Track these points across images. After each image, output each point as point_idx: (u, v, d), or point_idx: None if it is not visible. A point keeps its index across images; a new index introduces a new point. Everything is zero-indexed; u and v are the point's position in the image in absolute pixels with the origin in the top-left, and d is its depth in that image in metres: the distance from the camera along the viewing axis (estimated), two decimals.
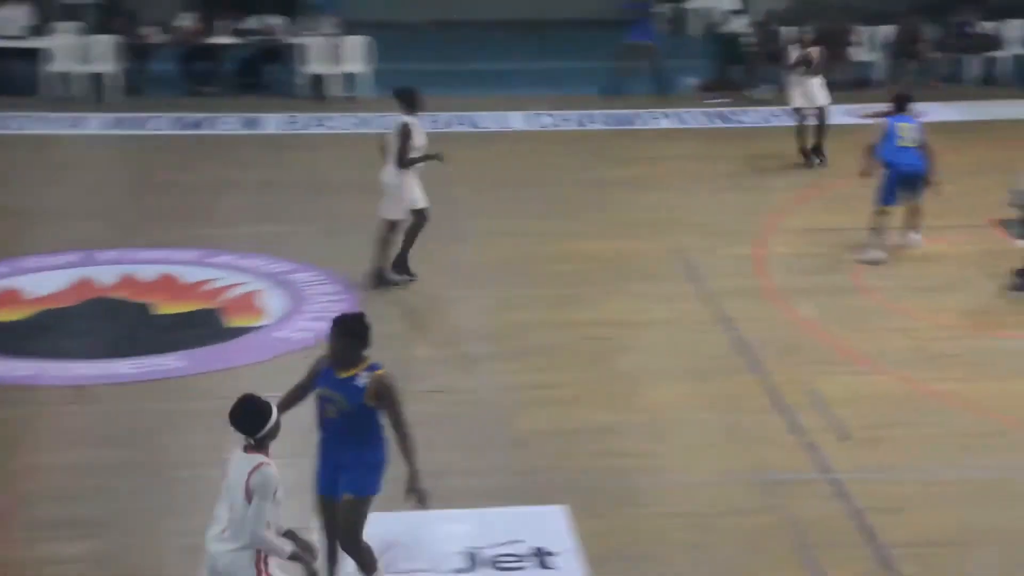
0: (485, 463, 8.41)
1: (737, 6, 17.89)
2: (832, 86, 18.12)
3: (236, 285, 11.32)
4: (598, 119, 17.08)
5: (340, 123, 17.03)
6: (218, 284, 11.35)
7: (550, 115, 17.23)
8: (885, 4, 19.24)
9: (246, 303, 10.99)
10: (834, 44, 18.23)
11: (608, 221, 13.07)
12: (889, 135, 11.71)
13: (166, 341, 10.21)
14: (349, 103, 17.85)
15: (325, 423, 6.44)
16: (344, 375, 6.34)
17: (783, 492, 8.03)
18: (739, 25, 17.79)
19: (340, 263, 11.71)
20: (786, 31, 18.47)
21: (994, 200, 13.06)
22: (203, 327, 10.51)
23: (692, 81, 18.61)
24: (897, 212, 11.91)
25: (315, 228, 12.86)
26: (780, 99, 17.82)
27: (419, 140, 10.95)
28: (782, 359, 9.89)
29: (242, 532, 5.62)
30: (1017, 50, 18.64)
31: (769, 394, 9.33)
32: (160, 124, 16.88)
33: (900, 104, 12.05)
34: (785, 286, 11.32)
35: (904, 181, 11.67)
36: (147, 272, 11.61)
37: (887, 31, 18.55)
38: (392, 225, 11.14)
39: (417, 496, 6.38)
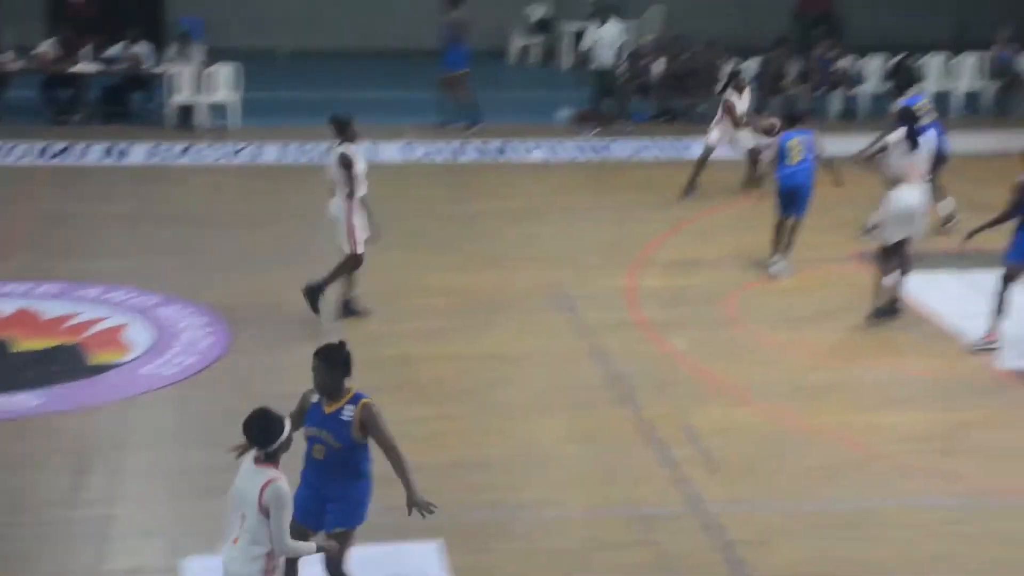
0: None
1: (616, 40, 18.01)
2: (702, 119, 18.53)
3: (100, 320, 11.01)
4: (469, 151, 17.10)
5: (208, 153, 16.76)
6: (81, 319, 11.03)
7: (422, 145, 17.21)
8: (750, 39, 19.67)
9: (110, 338, 10.69)
10: (703, 78, 18.62)
11: (480, 254, 13.06)
12: (781, 154, 12.24)
13: (24, 379, 9.87)
14: (218, 133, 17.58)
15: (312, 461, 6.49)
16: (330, 409, 6.41)
17: (655, 526, 8.05)
18: (608, 57, 17.94)
19: (208, 296, 11.49)
20: (655, 64, 18.78)
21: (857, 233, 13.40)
22: (64, 364, 10.19)
23: (565, 112, 18.76)
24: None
25: (183, 261, 12.61)
26: (648, 131, 18.10)
27: (360, 167, 10.79)
28: (655, 392, 9.96)
29: (257, 542, 5.75)
30: (876, 85, 19.18)
31: (642, 428, 9.38)
32: (20, 153, 16.41)
33: (792, 122, 12.59)
34: (658, 319, 11.42)
35: (790, 197, 12.18)
36: (4, 307, 11.24)
37: (752, 65, 18.94)
38: (351, 256, 10.96)
39: (418, 508, 6.45)
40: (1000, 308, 10.58)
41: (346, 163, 10.65)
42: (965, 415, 9.57)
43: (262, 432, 5.81)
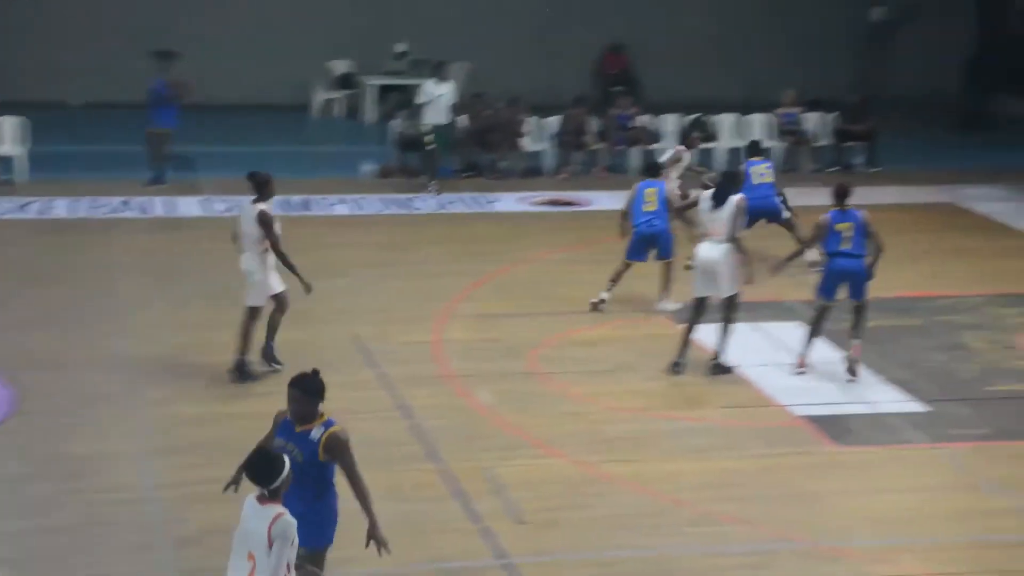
0: (145, 566, 7.95)
1: (451, 97, 17.97)
2: (505, 174, 18.73)
3: None
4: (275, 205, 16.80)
5: None
6: None
7: (223, 200, 16.87)
8: (550, 96, 19.97)
9: None
10: (505, 134, 18.83)
11: None
12: (636, 199, 12.90)
13: None
14: (5, 187, 16.90)
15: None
16: (300, 429, 6.69)
17: None
18: (446, 113, 17.92)
19: None
20: (459, 120, 18.91)
21: (656, 285, 13.68)
22: None
23: (369, 167, 18.69)
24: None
25: None
26: (453, 186, 18.19)
27: (278, 225, 10.77)
28: (460, 445, 9.91)
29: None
30: (673, 143, 19.71)
31: (447, 481, 9.30)
32: None
33: (651, 171, 13.40)
34: (463, 372, 11.39)
35: (646, 241, 12.87)
36: None
37: (554, 122, 19.26)
38: (254, 313, 10.77)
39: (377, 543, 6.68)
40: (811, 337, 11.35)
41: (266, 221, 10.65)
42: (761, 463, 9.80)
43: (264, 472, 6.05)
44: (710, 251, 11.25)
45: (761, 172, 14.38)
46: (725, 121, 19.95)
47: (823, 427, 10.35)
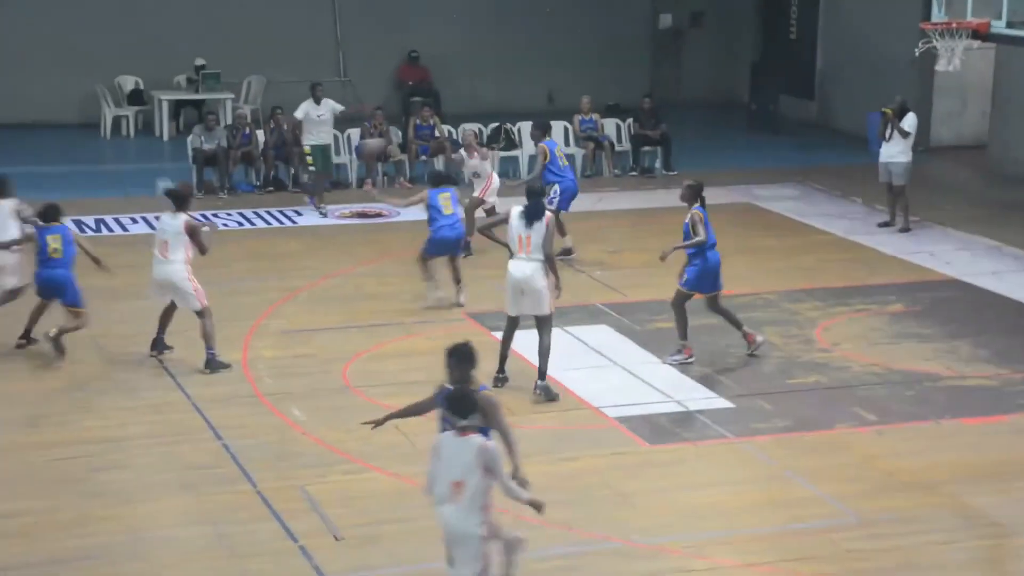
0: None
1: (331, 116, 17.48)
2: (309, 188, 18.48)
3: None
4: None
5: None
6: None
7: None
8: (348, 107, 19.65)
9: None
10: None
11: (80, 334, 12.32)
12: (433, 207, 13.03)
13: None
14: None
15: None
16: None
17: None
18: (327, 132, 17.48)
19: None
20: (259, 134, 18.59)
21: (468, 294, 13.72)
22: None
23: (164, 183, 18.16)
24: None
25: None
26: (254, 201, 17.87)
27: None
28: (273, 465, 9.70)
29: (478, 500, 6.97)
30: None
31: (261, 502, 9.09)
32: None
33: (437, 180, 13.48)
34: (274, 390, 11.17)
35: (443, 246, 13.11)
36: None
37: (355, 133, 19.06)
38: (207, 311, 11.52)
39: (519, 481, 7.48)
40: (681, 327, 11.69)
41: (193, 229, 11.39)
42: (576, 465, 9.88)
43: (464, 407, 7.13)
44: (522, 269, 10.99)
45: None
46: (526, 128, 20.13)
47: (635, 427, 10.51)
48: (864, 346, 12.38)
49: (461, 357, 7.64)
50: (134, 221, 16.65)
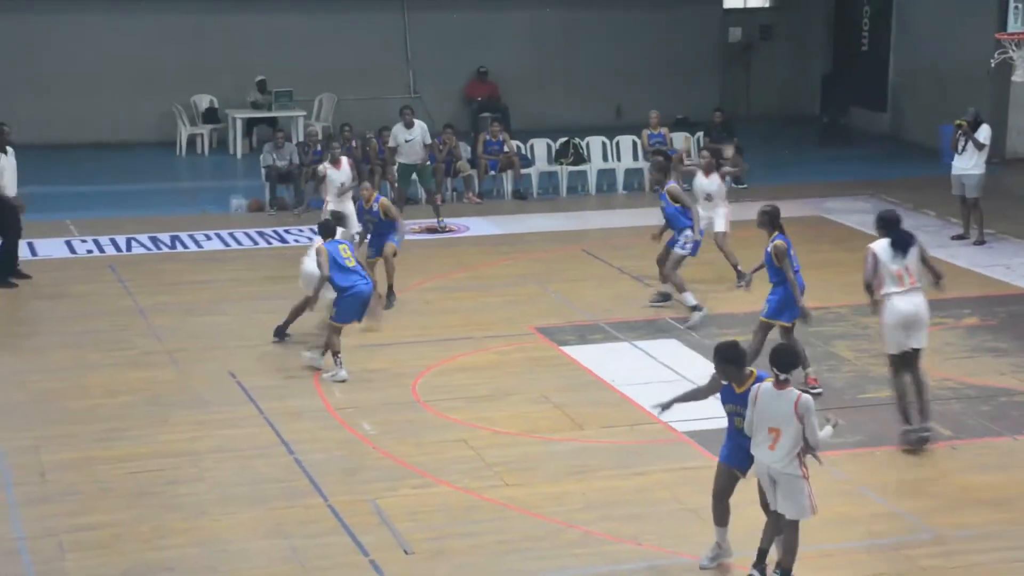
0: None
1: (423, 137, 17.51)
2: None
3: None
4: (140, 243, 16.49)
5: None
6: None
7: (82, 240, 16.47)
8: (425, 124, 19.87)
9: None
10: (378, 164, 18.74)
11: (155, 349, 12.54)
12: (333, 260, 11.68)
13: None
14: None
15: (735, 430, 8.18)
16: (740, 390, 8.03)
17: None
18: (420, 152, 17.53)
19: None
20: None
21: (533, 309, 13.74)
22: None
23: (238, 202, 18.42)
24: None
25: None
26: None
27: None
28: (343, 479, 9.77)
29: (796, 446, 7.77)
30: (544, 167, 19.87)
31: (332, 516, 9.15)
32: None
33: (325, 231, 11.97)
34: (344, 404, 11.25)
35: (361, 305, 11.75)
36: None
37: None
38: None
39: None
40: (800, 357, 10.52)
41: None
42: (645, 479, 9.84)
43: (787, 361, 7.87)
44: (911, 301, 10.16)
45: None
46: (595, 144, 20.15)
47: (705, 442, 10.43)
48: (939, 360, 12.20)
49: (720, 358, 8.11)
50: (208, 238, 16.87)
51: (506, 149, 19.47)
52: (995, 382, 11.65)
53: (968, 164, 16.23)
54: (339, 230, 12.37)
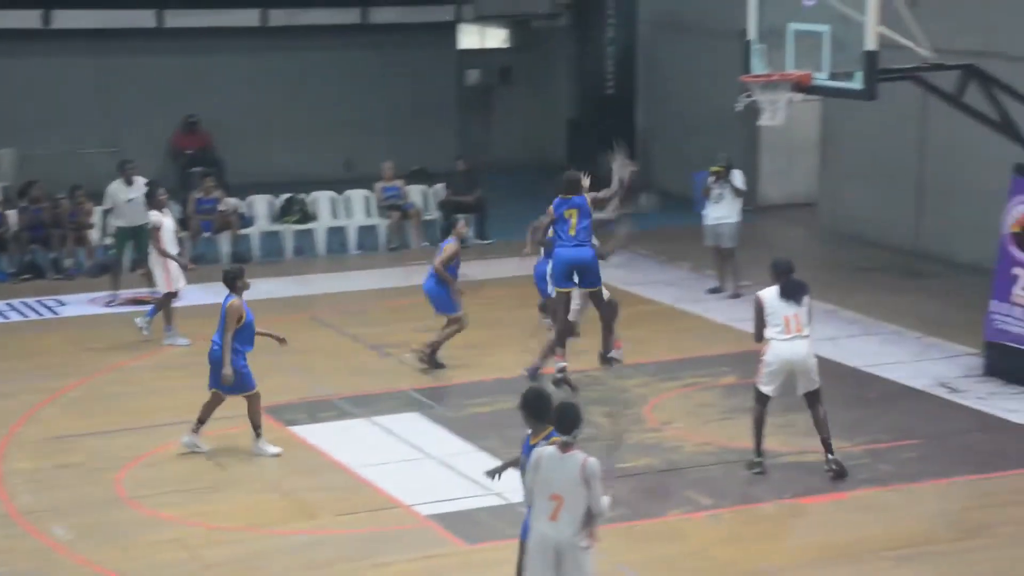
0: None
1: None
2: (73, 273, 17.99)
3: None
4: None
5: None
6: None
7: None
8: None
9: None
10: (71, 227, 18.17)
11: None
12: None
13: None
14: None
15: None
16: (533, 442, 8.22)
17: None
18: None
19: None
20: (9, 215, 18.05)
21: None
22: None
23: None
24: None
25: None
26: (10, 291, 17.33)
27: None
28: None
29: (580, 513, 7.79)
30: (266, 226, 19.68)
31: None
32: None
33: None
34: (32, 507, 10.75)
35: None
36: None
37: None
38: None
39: None
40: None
41: None
42: (387, 571, 9.76)
43: (571, 424, 7.92)
44: (795, 349, 11.12)
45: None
46: (322, 199, 20.09)
47: (452, 526, 10.44)
48: (698, 423, 12.61)
49: (522, 405, 8.33)
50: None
51: (222, 207, 19.17)
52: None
53: (723, 212, 16.93)
54: None
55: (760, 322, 11.19)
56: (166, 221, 15.22)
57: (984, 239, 16.03)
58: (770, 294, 11.18)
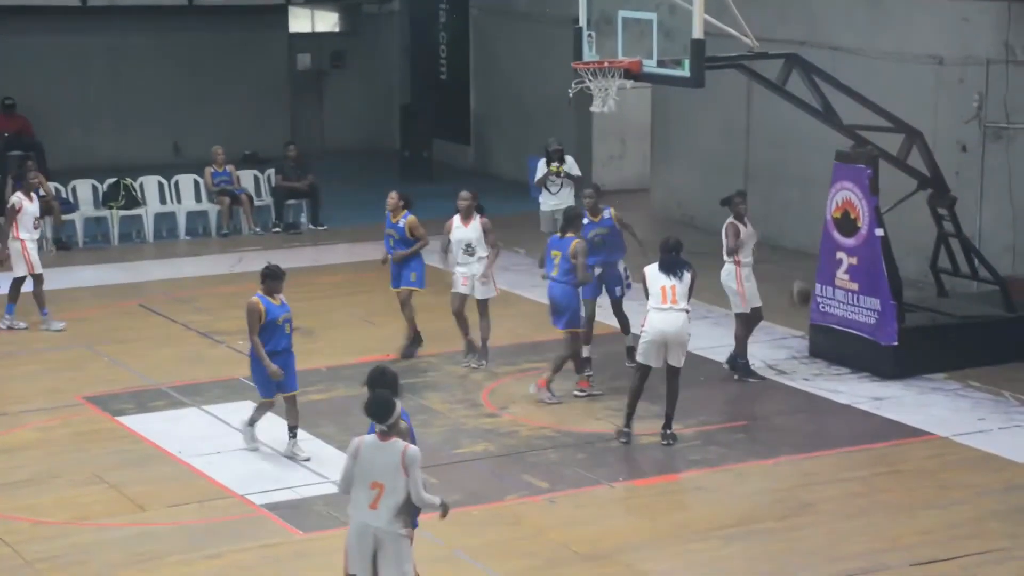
0: None
1: None
2: None
3: None
4: None
5: None
6: None
7: None
8: None
9: None
10: None
11: None
12: None
13: None
14: None
15: None
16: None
17: None
18: None
19: None
20: None
21: (82, 375, 13.22)
22: None
23: None
24: None
25: None
26: None
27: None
28: None
29: (399, 501, 7.79)
30: (90, 211, 19.24)
31: None
32: None
33: None
34: None
35: None
36: None
37: None
38: None
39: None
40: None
41: None
42: (221, 563, 9.65)
43: (383, 410, 7.80)
44: (670, 320, 11.61)
45: None
46: (150, 184, 19.70)
47: (287, 515, 10.36)
48: (533, 408, 12.73)
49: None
50: None
51: (42, 193, 18.63)
52: (590, 428, 12.27)
53: (560, 199, 17.10)
54: None
55: (647, 293, 11.77)
56: (27, 204, 14.84)
57: (809, 224, 16.50)
58: (652, 267, 11.79)
